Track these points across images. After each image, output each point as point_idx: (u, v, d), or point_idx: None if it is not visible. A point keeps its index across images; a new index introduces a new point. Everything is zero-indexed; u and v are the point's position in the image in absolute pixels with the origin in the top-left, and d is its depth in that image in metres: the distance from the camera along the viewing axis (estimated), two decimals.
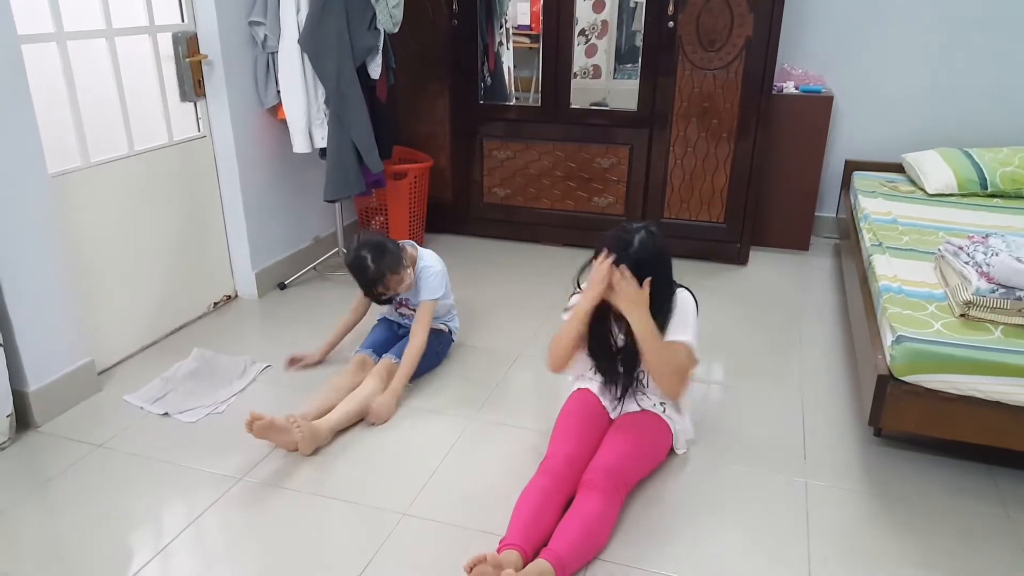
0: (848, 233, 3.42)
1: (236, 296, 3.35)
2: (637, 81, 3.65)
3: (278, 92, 3.13)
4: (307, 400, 2.40)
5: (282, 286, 3.43)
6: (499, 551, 1.70)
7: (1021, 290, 2.06)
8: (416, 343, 2.54)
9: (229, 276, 3.31)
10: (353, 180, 3.15)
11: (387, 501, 2.03)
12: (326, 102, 3.09)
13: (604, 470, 1.91)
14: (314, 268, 3.56)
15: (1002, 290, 2.08)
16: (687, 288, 2.11)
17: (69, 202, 2.49)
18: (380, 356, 2.58)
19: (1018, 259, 2.11)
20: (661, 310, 2.00)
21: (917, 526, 1.95)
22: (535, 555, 1.71)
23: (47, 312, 2.37)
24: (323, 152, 3.18)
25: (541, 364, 2.73)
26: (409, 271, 2.55)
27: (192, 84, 2.95)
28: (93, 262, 2.62)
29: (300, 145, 3.15)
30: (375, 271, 2.47)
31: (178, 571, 1.81)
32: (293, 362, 2.74)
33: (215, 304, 3.24)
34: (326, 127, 3.12)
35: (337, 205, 3.50)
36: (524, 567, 1.66)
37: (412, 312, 2.67)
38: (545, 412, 2.42)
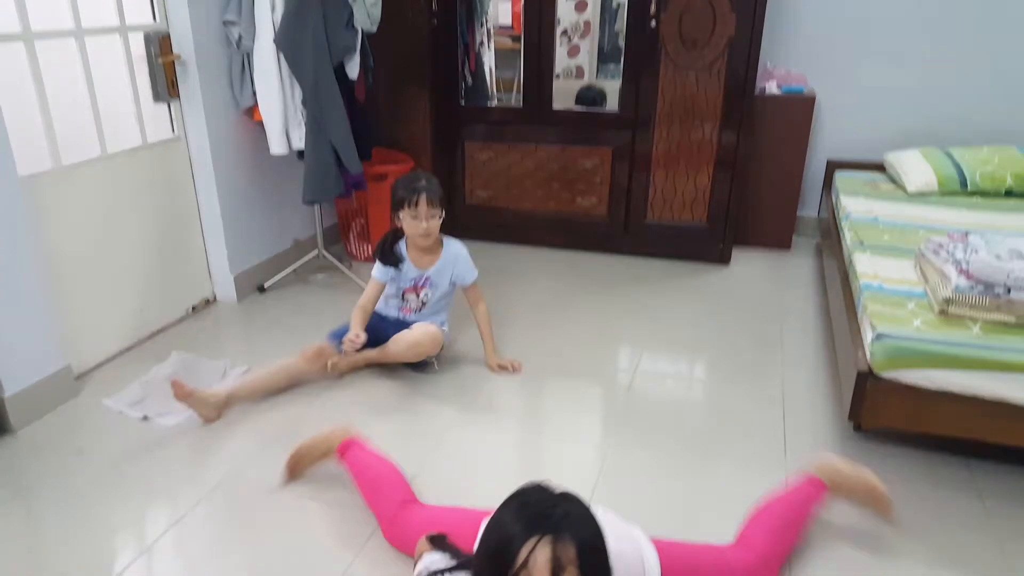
0: (830, 232, 3.43)
1: (215, 300, 3.31)
2: (619, 81, 3.65)
3: (254, 93, 3.10)
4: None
5: (261, 289, 3.40)
6: None
7: (999, 287, 2.06)
8: (483, 310, 2.73)
9: (207, 279, 3.27)
10: (332, 182, 3.12)
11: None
12: (303, 103, 3.06)
13: None
14: (294, 271, 3.53)
15: (981, 287, 2.08)
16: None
17: (41, 205, 2.45)
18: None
19: (997, 256, 2.12)
20: None
21: (896, 517, 1.95)
22: None
23: (22, 316, 2.33)
24: (301, 153, 3.15)
25: (526, 371, 2.74)
26: (438, 222, 2.57)
27: (165, 85, 2.91)
28: (67, 266, 2.58)
29: (277, 147, 3.12)
30: (428, 184, 2.54)
31: (161, 574, 1.79)
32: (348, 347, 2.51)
33: (193, 308, 3.20)
34: (304, 128, 3.09)
35: (316, 207, 3.47)
36: None
37: (418, 303, 2.69)
38: (527, 411, 2.40)
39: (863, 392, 2.08)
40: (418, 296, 2.69)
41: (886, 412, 2.09)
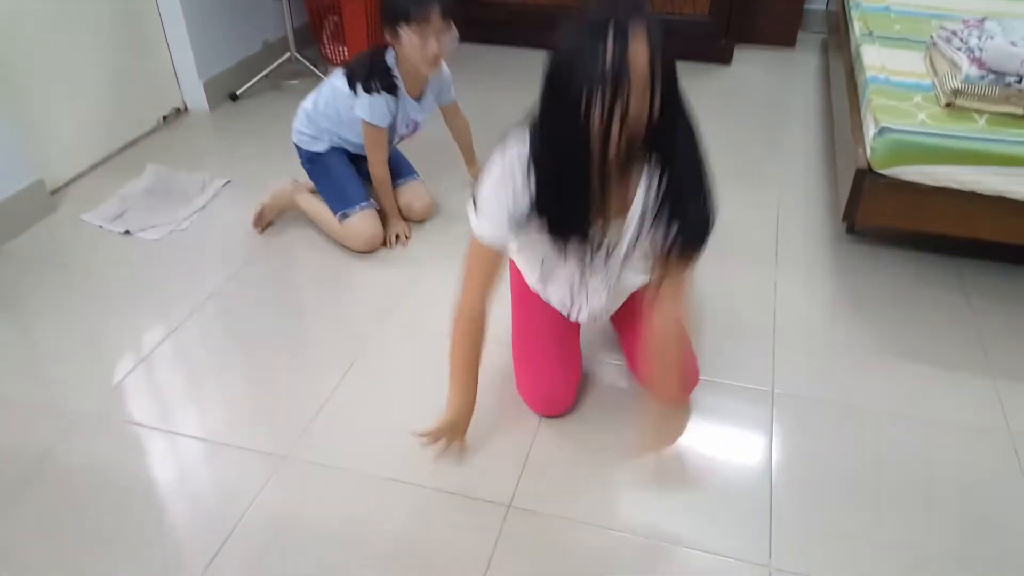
0: (838, 27, 3.22)
1: (186, 109, 3.15)
2: None
3: None
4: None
5: (234, 97, 3.23)
6: None
7: (1011, 76, 1.97)
8: (466, 122, 2.45)
9: (176, 87, 3.09)
10: None
11: (367, 307, 2.02)
12: None
13: None
14: (266, 76, 3.32)
15: (992, 76, 1.99)
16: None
17: None
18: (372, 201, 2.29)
19: (1012, 43, 2.00)
20: (664, 144, 1.24)
21: (882, 317, 2.00)
22: None
23: None
24: None
25: None
26: (453, 41, 2.09)
27: None
28: (26, 77, 2.41)
29: None
30: None
31: (162, 380, 1.82)
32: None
33: (164, 118, 3.05)
34: None
35: (285, 4, 3.20)
36: None
37: (407, 132, 2.31)
38: None
39: (860, 190, 2.04)
40: (409, 130, 2.33)
41: (881, 211, 2.06)
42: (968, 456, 1.59)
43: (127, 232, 2.35)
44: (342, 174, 2.26)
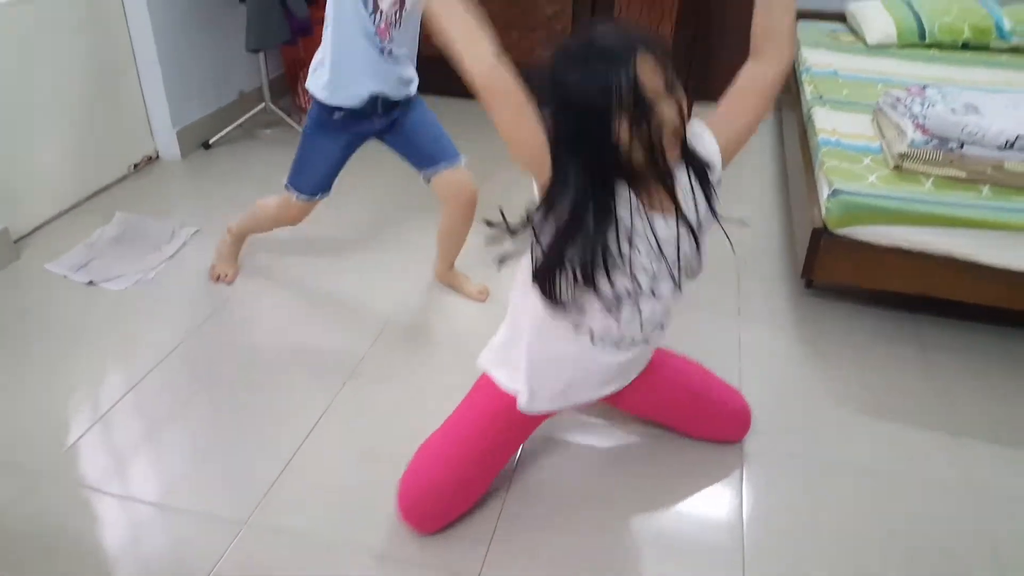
0: (789, 87, 3.39)
1: (157, 157, 3.15)
2: None
3: None
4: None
5: (206, 145, 3.25)
6: None
7: (953, 142, 2.08)
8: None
9: (148, 135, 3.10)
10: (276, 27, 2.92)
11: (336, 358, 2.03)
12: None
13: None
14: (240, 126, 3.36)
15: (936, 141, 2.10)
16: None
17: None
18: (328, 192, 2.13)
19: (952, 111, 2.13)
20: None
21: (841, 367, 2.06)
22: None
23: None
24: None
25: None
26: None
27: None
28: None
29: None
30: None
31: (121, 436, 1.78)
32: None
33: (135, 165, 3.05)
34: None
35: (262, 56, 3.26)
36: None
37: (392, 13, 1.94)
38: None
39: (816, 249, 2.13)
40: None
41: (838, 268, 2.16)
42: (932, 510, 1.63)
43: (91, 282, 2.33)
44: (325, 159, 2.07)
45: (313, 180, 2.09)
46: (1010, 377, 2.03)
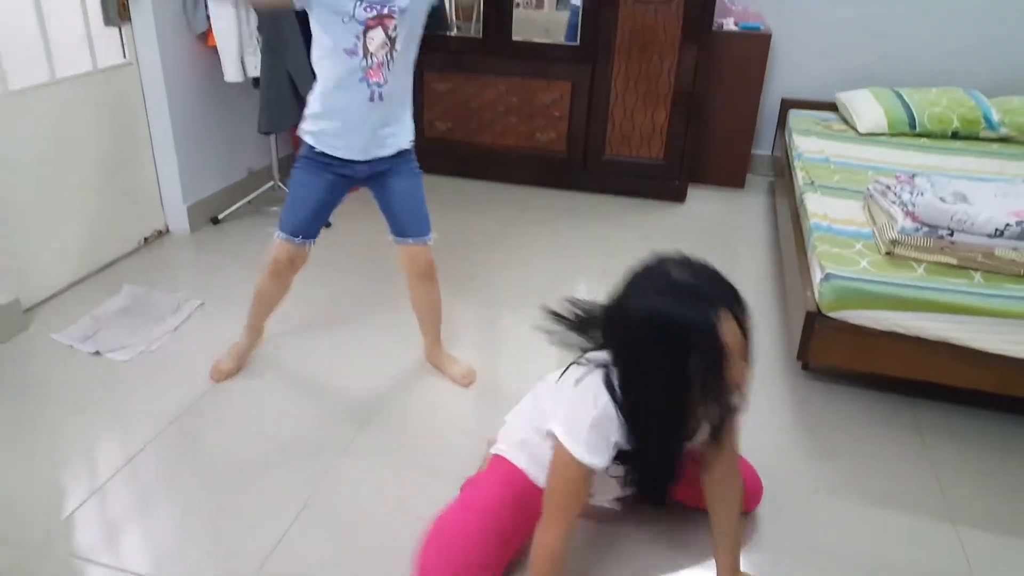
0: (783, 171, 3.49)
1: (167, 231, 3.23)
2: (580, 14, 3.59)
3: (208, 17, 2.95)
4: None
5: (215, 221, 3.33)
6: None
7: (943, 229, 2.13)
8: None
9: (159, 210, 3.18)
10: (288, 111, 3.03)
11: (327, 438, 2.04)
12: (259, 28, 2.95)
13: None
14: (249, 202, 3.45)
15: (925, 229, 2.14)
16: None
17: None
18: (312, 240, 2.11)
19: (941, 199, 2.17)
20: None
21: (840, 456, 2.05)
22: None
23: None
24: (256, 81, 3.05)
25: (491, 299, 2.75)
26: None
27: (116, 7, 2.77)
28: (14, 195, 2.49)
29: (232, 74, 3.01)
30: None
31: (116, 508, 1.79)
32: None
33: (145, 239, 3.12)
34: (259, 55, 2.98)
35: (272, 137, 3.38)
36: None
37: (385, 54, 1.88)
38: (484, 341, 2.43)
39: (811, 332, 2.16)
40: (386, 33, 1.85)
41: (833, 351, 2.18)
42: None
43: (97, 352, 2.36)
44: (306, 197, 2.06)
45: (295, 217, 2.06)
46: (1008, 463, 2.03)
